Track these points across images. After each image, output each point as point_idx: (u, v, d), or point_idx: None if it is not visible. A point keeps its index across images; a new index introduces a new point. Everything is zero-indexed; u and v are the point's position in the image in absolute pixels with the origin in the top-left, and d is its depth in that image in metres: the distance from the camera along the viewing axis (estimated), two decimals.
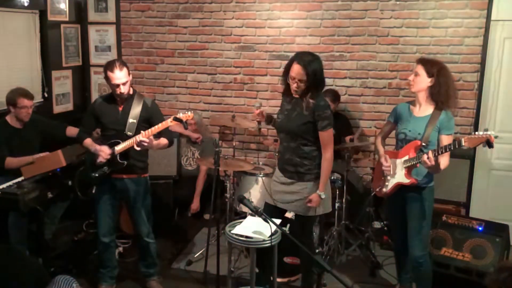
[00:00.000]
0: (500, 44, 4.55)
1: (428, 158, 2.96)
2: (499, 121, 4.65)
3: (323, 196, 3.19)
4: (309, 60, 3.08)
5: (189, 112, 3.35)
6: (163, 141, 3.47)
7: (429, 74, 3.14)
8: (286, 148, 3.28)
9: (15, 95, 3.91)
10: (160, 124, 3.33)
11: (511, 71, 4.57)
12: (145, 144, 3.27)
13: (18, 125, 4.00)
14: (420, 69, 3.16)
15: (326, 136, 3.15)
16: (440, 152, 2.98)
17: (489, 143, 2.78)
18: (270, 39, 5.08)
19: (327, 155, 3.17)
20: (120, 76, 3.33)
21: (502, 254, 3.65)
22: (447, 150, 2.96)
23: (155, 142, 3.36)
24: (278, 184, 3.35)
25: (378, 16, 4.78)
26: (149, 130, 3.31)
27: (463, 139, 2.85)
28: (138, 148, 3.31)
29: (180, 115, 3.30)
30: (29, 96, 3.98)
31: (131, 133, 3.41)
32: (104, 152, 3.40)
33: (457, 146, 2.89)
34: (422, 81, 3.16)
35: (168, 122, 3.32)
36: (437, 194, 3.37)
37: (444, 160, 3.08)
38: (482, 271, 3.53)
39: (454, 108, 3.28)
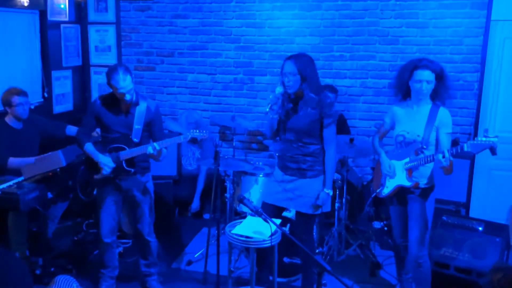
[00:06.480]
0: (500, 44, 4.55)
1: (444, 157, 2.89)
2: (499, 121, 4.65)
3: (331, 193, 3.24)
4: (297, 55, 3.19)
5: (205, 132, 3.38)
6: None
7: (436, 77, 3.11)
8: (289, 146, 3.28)
9: (8, 95, 3.92)
10: (172, 140, 3.35)
11: (511, 71, 4.57)
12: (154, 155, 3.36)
13: (17, 126, 4.01)
14: (430, 76, 3.10)
15: (330, 133, 3.20)
16: (454, 152, 2.90)
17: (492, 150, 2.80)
18: (270, 39, 5.08)
19: (331, 152, 3.22)
20: (124, 85, 3.24)
21: (502, 254, 3.65)
22: (458, 152, 2.90)
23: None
24: (278, 183, 3.35)
25: (378, 16, 4.78)
26: (160, 143, 3.33)
27: (465, 145, 2.85)
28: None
29: (196, 135, 3.34)
30: (23, 93, 3.97)
31: (136, 140, 3.39)
32: (107, 166, 3.36)
33: (460, 150, 2.88)
34: (432, 86, 3.14)
35: (181, 139, 3.34)
36: (437, 194, 3.37)
37: None
38: (482, 271, 3.53)
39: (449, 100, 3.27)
